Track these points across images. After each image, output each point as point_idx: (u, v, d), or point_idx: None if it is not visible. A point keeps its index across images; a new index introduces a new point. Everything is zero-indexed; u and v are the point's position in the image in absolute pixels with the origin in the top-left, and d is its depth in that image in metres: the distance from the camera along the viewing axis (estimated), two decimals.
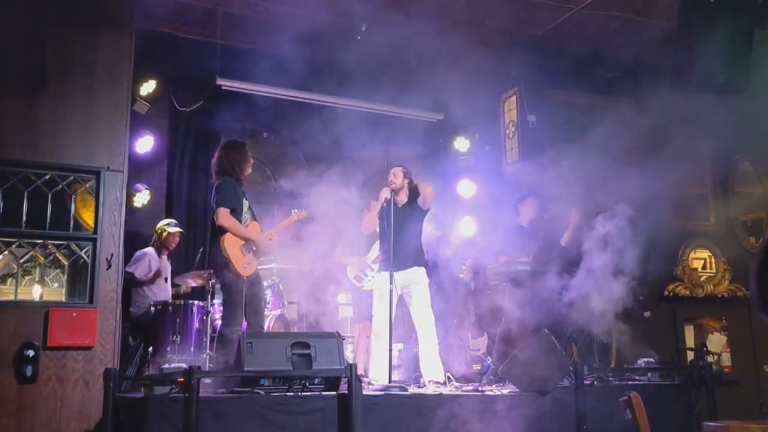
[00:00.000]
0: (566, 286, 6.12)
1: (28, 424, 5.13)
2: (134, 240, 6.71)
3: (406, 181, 5.94)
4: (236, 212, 5.40)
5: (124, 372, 5.79)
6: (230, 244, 5.30)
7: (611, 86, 7.81)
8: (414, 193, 5.93)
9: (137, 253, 6.62)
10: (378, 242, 6.71)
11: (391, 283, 5.55)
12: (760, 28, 4.97)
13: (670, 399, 5.62)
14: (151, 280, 6.63)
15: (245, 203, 5.56)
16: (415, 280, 5.81)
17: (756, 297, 1.98)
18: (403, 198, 5.95)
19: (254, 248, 5.44)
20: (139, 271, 6.52)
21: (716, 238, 8.72)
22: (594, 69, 7.36)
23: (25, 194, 5.51)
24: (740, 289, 8.51)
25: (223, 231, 5.32)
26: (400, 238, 5.72)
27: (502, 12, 6.34)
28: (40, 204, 5.54)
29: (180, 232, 6.81)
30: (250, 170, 5.69)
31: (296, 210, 6.07)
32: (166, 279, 6.71)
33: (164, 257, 6.78)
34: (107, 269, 5.58)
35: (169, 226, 6.75)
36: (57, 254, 5.62)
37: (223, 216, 5.32)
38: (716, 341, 8.25)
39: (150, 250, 6.67)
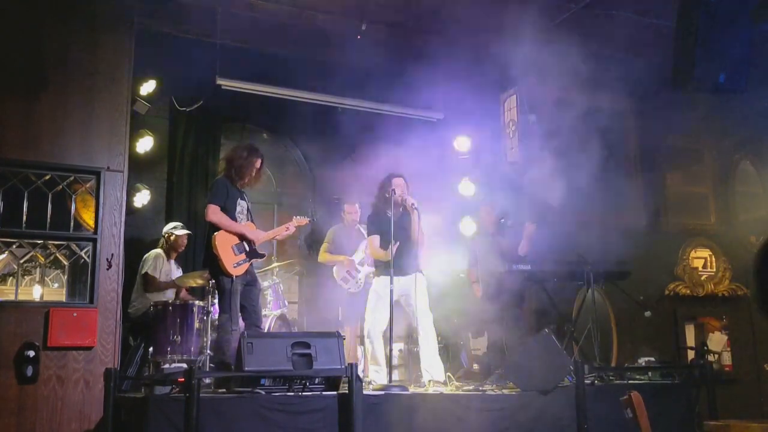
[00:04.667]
0: None
1: (29, 424, 5.13)
2: (135, 240, 6.70)
3: (405, 195, 5.93)
4: (227, 210, 5.37)
5: (124, 372, 5.80)
6: (222, 243, 5.27)
7: (611, 85, 7.80)
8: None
9: (151, 255, 6.59)
10: (364, 243, 6.72)
11: (391, 284, 5.54)
12: (760, 27, 4.97)
13: (670, 398, 5.61)
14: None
15: (242, 204, 5.52)
16: (415, 284, 5.81)
17: (757, 295, 1.98)
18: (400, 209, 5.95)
19: (247, 249, 5.41)
20: (156, 272, 6.52)
21: (717, 237, 8.73)
22: (594, 68, 7.34)
23: (25, 194, 5.51)
24: (741, 288, 8.51)
25: (215, 229, 5.31)
26: (401, 246, 5.72)
27: (502, 11, 6.33)
28: (40, 204, 5.55)
29: (187, 234, 6.79)
30: (250, 178, 5.56)
31: (297, 216, 6.05)
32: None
33: (173, 261, 6.76)
34: (107, 269, 5.58)
35: (176, 229, 6.72)
36: (57, 254, 5.62)
37: (212, 212, 5.31)
38: (717, 340, 8.25)
39: (160, 252, 6.65)
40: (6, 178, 5.47)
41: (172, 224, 6.80)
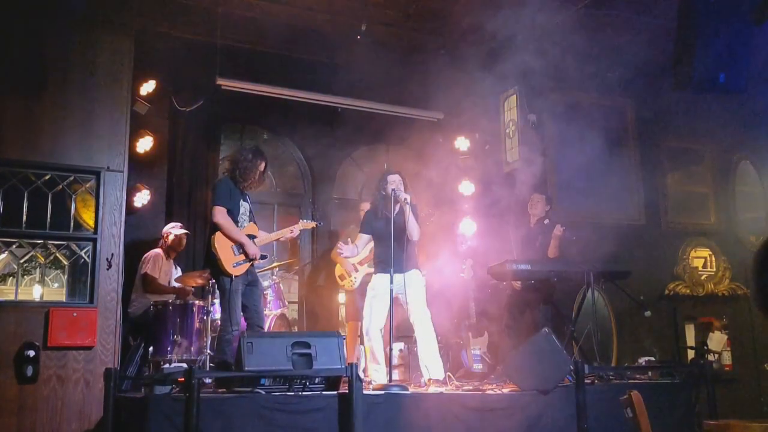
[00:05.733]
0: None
1: (29, 424, 5.14)
2: (135, 240, 6.70)
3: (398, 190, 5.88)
4: (231, 212, 5.39)
5: (124, 372, 5.79)
6: (221, 243, 5.27)
7: (611, 85, 7.81)
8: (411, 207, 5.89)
9: (151, 255, 6.58)
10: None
11: (391, 282, 5.54)
12: (760, 27, 4.98)
13: (670, 398, 5.61)
14: None
15: (244, 205, 5.52)
16: (411, 281, 5.81)
17: (756, 295, 1.98)
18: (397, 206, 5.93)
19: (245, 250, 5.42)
20: (155, 272, 6.50)
21: (717, 237, 8.73)
22: (594, 68, 7.36)
23: (25, 194, 5.52)
24: (740, 287, 8.52)
25: (215, 229, 5.32)
26: (398, 243, 5.72)
27: (501, 11, 6.34)
28: (40, 204, 5.55)
29: (186, 233, 6.78)
30: (252, 181, 5.55)
31: (304, 220, 6.05)
32: (169, 282, 6.69)
33: (172, 261, 6.76)
34: (107, 269, 5.59)
35: (174, 229, 6.72)
36: (57, 254, 5.62)
37: (219, 214, 5.32)
38: (717, 340, 8.26)
39: (159, 252, 6.64)
40: (6, 178, 5.47)
41: (171, 224, 6.80)
